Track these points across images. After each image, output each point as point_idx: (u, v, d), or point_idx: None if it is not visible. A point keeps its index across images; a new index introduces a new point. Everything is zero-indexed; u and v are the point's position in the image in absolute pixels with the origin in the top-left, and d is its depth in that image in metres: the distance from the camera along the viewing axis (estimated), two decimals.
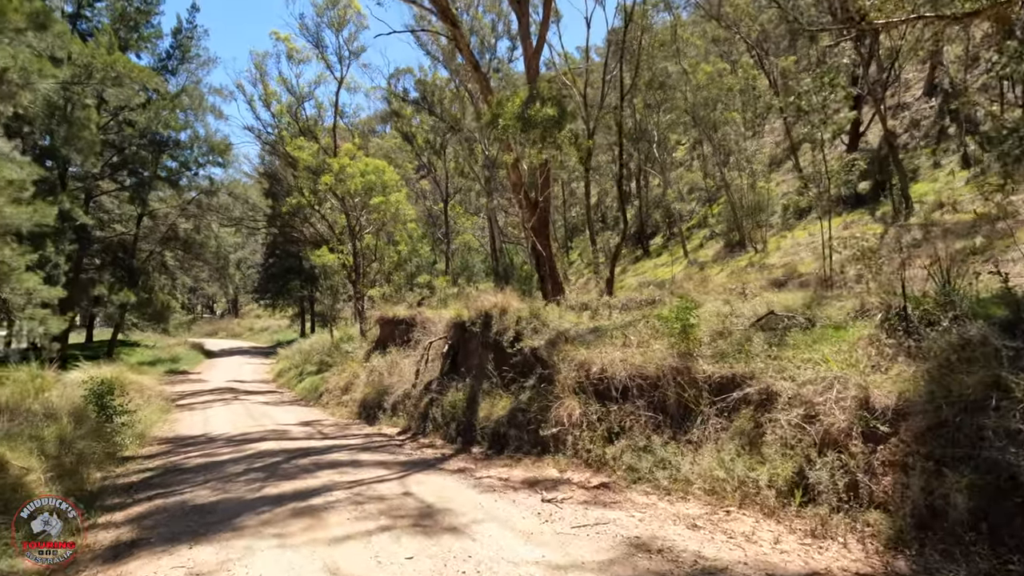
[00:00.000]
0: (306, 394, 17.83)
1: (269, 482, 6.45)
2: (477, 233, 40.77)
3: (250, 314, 61.36)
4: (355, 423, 12.26)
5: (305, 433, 10.75)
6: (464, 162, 30.48)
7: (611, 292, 13.61)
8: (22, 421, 7.79)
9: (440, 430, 9.74)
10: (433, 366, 12.05)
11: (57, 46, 16.21)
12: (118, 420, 9.80)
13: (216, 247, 30.93)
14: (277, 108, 22.98)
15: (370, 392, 13.06)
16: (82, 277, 25.00)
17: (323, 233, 25.32)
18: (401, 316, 15.62)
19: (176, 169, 27.70)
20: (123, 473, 7.97)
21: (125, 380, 14.49)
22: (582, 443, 6.96)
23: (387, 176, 19.55)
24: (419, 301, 20.11)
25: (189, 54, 28.72)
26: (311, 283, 42.66)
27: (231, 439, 10.35)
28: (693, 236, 31.55)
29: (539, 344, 9.11)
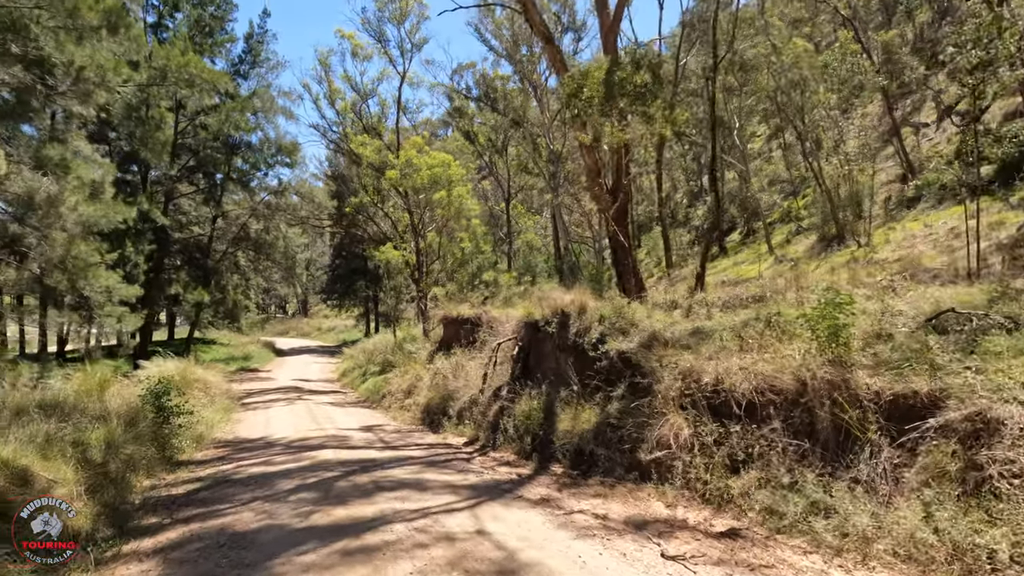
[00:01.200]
0: (368, 395, 17.24)
1: (320, 506, 5.50)
2: (539, 232, 39.62)
3: (318, 314, 63.08)
4: (418, 430, 11.35)
5: (365, 441, 9.90)
6: (528, 157, 29.36)
7: (702, 289, 12.04)
8: (72, 423, 7.30)
9: (512, 443, 8.59)
10: (502, 369, 10.94)
11: (133, 49, 16.43)
12: (175, 421, 9.31)
13: (284, 247, 31.43)
14: (341, 105, 22.83)
15: (434, 397, 12.13)
16: (161, 276, 25.85)
17: (386, 231, 24.96)
18: (466, 315, 14.66)
19: (247, 170, 28.27)
20: (172, 482, 7.33)
21: (190, 377, 14.34)
22: (695, 472, 5.57)
23: (453, 170, 18.73)
24: (482, 300, 19.20)
25: (260, 58, 29.29)
26: (375, 283, 42.98)
27: (289, 445, 9.65)
28: (776, 231, 28.96)
29: (628, 347, 7.77)
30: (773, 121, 34.20)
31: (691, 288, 12.29)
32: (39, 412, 7.69)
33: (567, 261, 29.25)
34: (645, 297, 11.46)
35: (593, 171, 12.06)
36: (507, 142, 35.26)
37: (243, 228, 29.76)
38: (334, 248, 47.15)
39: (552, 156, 29.67)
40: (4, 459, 4.80)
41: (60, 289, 14.95)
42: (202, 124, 26.72)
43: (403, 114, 24.01)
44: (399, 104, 23.50)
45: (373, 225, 26.80)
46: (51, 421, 7.39)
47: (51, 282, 13.84)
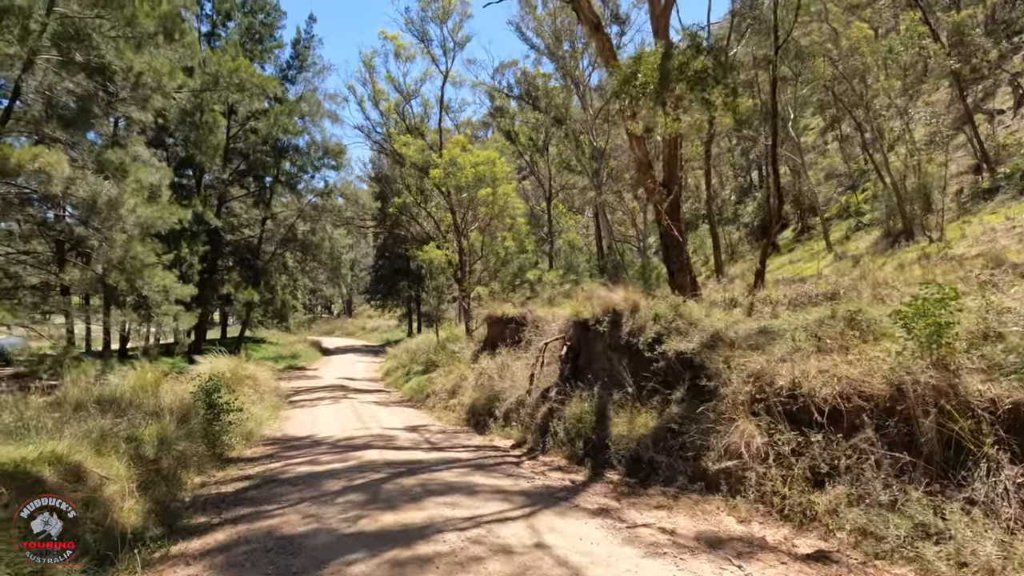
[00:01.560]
0: (412, 395, 17.18)
1: (368, 509, 5.28)
2: (580, 231, 39.03)
3: (363, 314, 64.22)
4: (463, 431, 11.11)
5: (411, 441, 9.72)
6: (571, 154, 28.88)
7: (762, 286, 11.33)
8: (127, 419, 7.38)
9: (563, 447, 8.21)
10: (549, 370, 10.58)
11: (187, 56, 16.92)
12: (226, 419, 9.37)
13: (330, 248, 32.00)
14: (385, 106, 22.98)
15: (479, 397, 11.87)
16: (214, 277, 26.71)
17: (429, 231, 24.99)
18: (510, 315, 14.37)
19: (295, 173, 28.91)
20: (222, 479, 7.31)
21: (241, 374, 14.57)
22: (770, 484, 5.07)
23: (497, 168, 18.50)
24: (524, 300, 18.89)
25: (306, 63, 29.94)
26: (417, 283, 43.36)
27: (336, 444, 9.58)
28: (834, 227, 27.52)
29: (688, 348, 7.28)
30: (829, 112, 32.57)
31: (750, 286, 11.60)
32: (97, 407, 7.83)
33: (611, 260, 28.59)
34: (699, 295, 10.89)
35: (644, 163, 11.55)
36: (548, 141, 34.87)
37: (291, 229, 30.46)
38: (377, 249, 47.86)
39: (595, 153, 29.08)
40: (58, 455, 4.79)
41: (120, 288, 15.53)
42: (252, 129, 27.48)
43: (446, 113, 24.05)
44: (442, 103, 23.52)
45: (416, 225, 26.91)
46: (107, 417, 7.50)
47: (111, 282, 14.35)
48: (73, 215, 15.69)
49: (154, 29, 14.09)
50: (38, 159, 10.61)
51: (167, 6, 14.53)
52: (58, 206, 15.77)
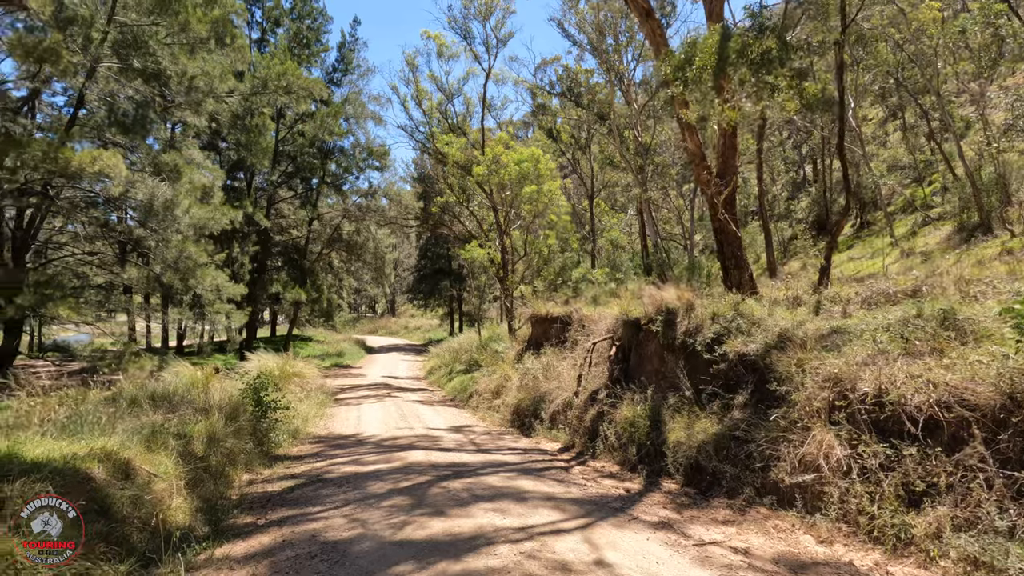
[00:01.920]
0: (455, 394, 17.06)
1: (414, 515, 5.06)
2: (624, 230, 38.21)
3: (405, 313, 65.06)
4: (508, 432, 10.84)
5: (456, 442, 9.51)
6: (615, 150, 28.22)
7: (827, 284, 10.58)
8: (178, 415, 7.44)
9: (614, 453, 7.81)
10: (597, 371, 10.18)
11: (238, 60, 17.32)
12: (272, 416, 9.41)
13: (374, 248, 32.42)
14: (428, 105, 23.01)
15: (524, 398, 11.57)
16: (263, 276, 27.43)
17: (471, 230, 24.91)
18: (555, 314, 14.02)
19: (340, 174, 29.40)
20: (268, 477, 7.26)
21: (288, 371, 14.76)
22: (855, 502, 4.55)
23: (541, 164, 18.18)
24: (566, 300, 18.47)
25: (351, 66, 30.39)
26: (459, 282, 43.51)
27: (380, 443, 9.47)
28: (898, 222, 25.91)
29: (752, 349, 6.78)
30: (891, 100, 30.74)
31: (813, 283, 10.85)
32: (150, 403, 7.96)
33: (657, 258, 27.75)
34: (757, 294, 10.25)
35: (697, 154, 10.98)
36: (591, 139, 34.27)
37: (336, 230, 30.98)
38: (420, 249, 48.30)
39: (640, 149, 28.31)
40: (108, 451, 4.77)
41: (175, 287, 16.03)
42: (300, 131, 28.11)
43: (488, 112, 23.90)
44: (484, 101, 23.37)
45: (458, 224, 26.89)
46: (159, 413, 7.60)
47: (167, 280, 14.82)
48: (133, 217, 16.32)
49: (206, 34, 14.44)
50: (97, 161, 11.00)
51: (218, 11, 14.88)
52: (120, 208, 16.44)
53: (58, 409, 6.65)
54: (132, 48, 13.87)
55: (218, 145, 25.52)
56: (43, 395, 7.41)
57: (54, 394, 7.54)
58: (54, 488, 3.71)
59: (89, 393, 8.38)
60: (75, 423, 5.87)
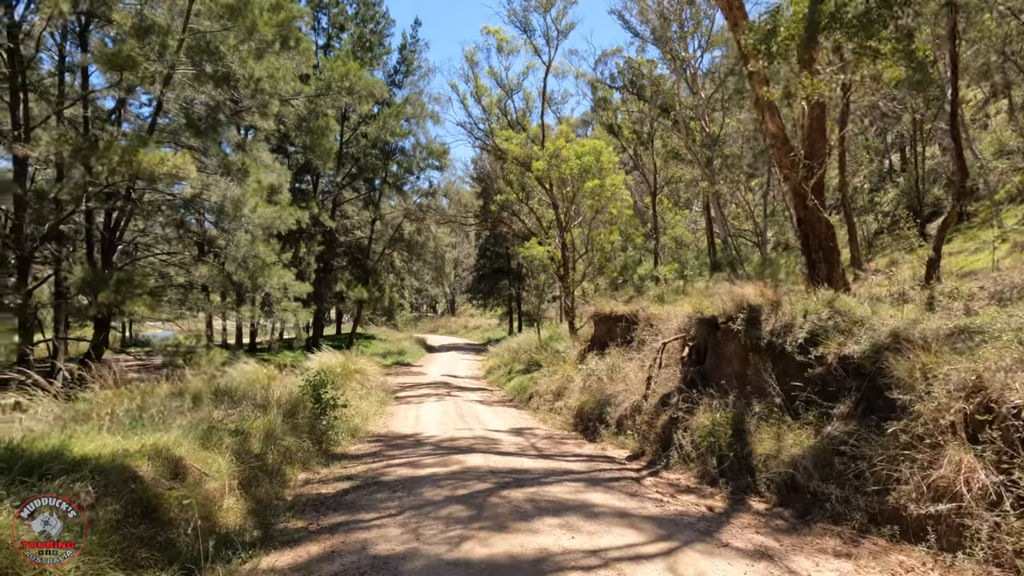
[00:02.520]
0: (515, 395, 16.63)
1: (472, 528, 4.61)
2: (688, 226, 36.62)
3: (464, 313, 65.59)
4: (571, 437, 10.25)
5: (516, 446, 9.04)
6: (680, 143, 26.91)
7: (937, 278, 9.31)
8: (237, 412, 7.38)
9: (691, 464, 7.07)
10: (668, 373, 9.42)
11: (303, 63, 17.66)
12: (332, 414, 9.29)
13: (434, 247, 32.63)
14: (487, 101, 22.79)
15: (587, 401, 10.95)
16: (329, 275, 28.16)
17: (531, 227, 24.44)
18: (619, 312, 13.29)
19: (401, 174, 29.77)
20: (324, 477, 7.06)
21: (351, 368, 14.84)
22: (1011, 540, 3.68)
23: (604, 157, 17.44)
24: (629, 298, 17.63)
25: (412, 67, 30.72)
26: (518, 282, 43.22)
27: (439, 445, 9.15)
28: (1005, 213, 23.21)
29: (855, 351, 5.89)
30: (995, 79, 27.68)
31: (920, 278, 9.58)
32: (212, 398, 7.98)
33: (727, 255, 26.27)
34: (849, 290, 9.16)
35: (779, 137, 9.97)
36: (653, 133, 33.00)
37: (398, 230, 31.41)
38: (479, 248, 48.44)
39: (707, 140, 26.90)
40: (159, 447, 4.62)
41: (245, 285, 16.52)
42: (363, 133, 28.68)
43: (548, 106, 23.37)
44: (544, 96, 22.82)
45: (518, 222, 26.50)
46: (220, 408, 7.58)
47: (237, 279, 15.27)
48: (207, 218, 16.99)
49: (272, 36, 14.74)
50: (166, 162, 11.37)
51: (284, 14, 15.16)
52: (196, 211, 17.16)
53: (123, 403, 6.70)
54: (204, 54, 14.35)
55: (287, 149, 26.39)
56: (115, 388, 7.55)
57: (125, 388, 7.68)
58: (94, 488, 3.51)
59: (158, 387, 8.55)
60: (135, 417, 5.84)
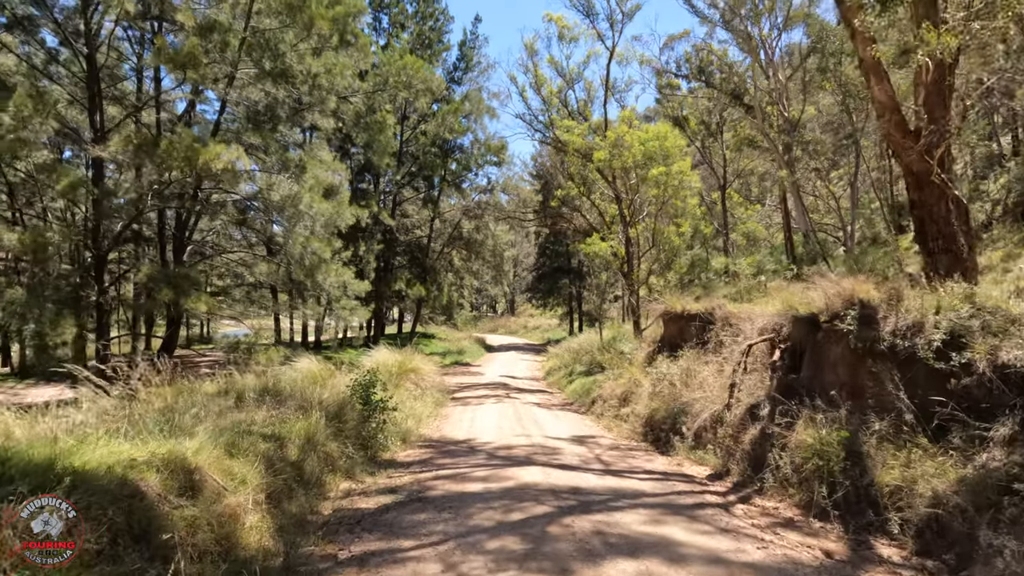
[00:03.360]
0: (576, 398, 15.68)
1: (529, 571, 3.76)
2: (762, 222, 34.17)
3: (524, 313, 65.14)
4: (640, 448, 9.21)
5: (579, 457, 8.13)
6: (754, 130, 24.94)
7: None
8: (278, 413, 6.91)
9: (791, 490, 5.90)
10: (754, 380, 8.19)
11: (361, 59, 17.47)
12: (380, 416, 8.72)
13: (493, 245, 32.15)
14: (547, 92, 21.89)
15: (658, 408, 9.85)
16: (388, 274, 28.23)
17: (593, 222, 23.35)
18: (693, 311, 12.05)
19: (459, 171, 29.46)
20: (368, 488, 6.44)
21: (407, 367, 14.39)
22: None
23: (669, 142, 16.16)
24: (696, 296, 16.24)
25: (471, 63, 30.34)
26: (579, 280, 42.11)
27: (493, 453, 8.38)
28: None
29: (1018, 357, 4.59)
30: None
31: None
32: (256, 398, 7.56)
33: (808, 250, 24.04)
34: (976, 283, 7.61)
35: (888, 106, 8.48)
36: (723, 124, 30.98)
37: (456, 227, 31.15)
38: (538, 247, 47.73)
39: (786, 126, 24.76)
40: (173, 456, 4.07)
41: (303, 282, 16.49)
42: (422, 132, 28.62)
43: (610, 94, 22.18)
44: (607, 84, 21.67)
45: (579, 217, 25.45)
46: (263, 408, 7.14)
47: (294, 275, 15.21)
48: (267, 216, 17.10)
49: (329, 31, 14.54)
50: (222, 157, 11.26)
51: (341, 8, 14.94)
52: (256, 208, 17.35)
53: (155, 403, 6.35)
54: (264, 51, 14.35)
55: (348, 150, 26.67)
56: (158, 386, 7.28)
57: (168, 386, 7.40)
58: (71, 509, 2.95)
59: (205, 385, 8.28)
60: (165, 419, 5.41)
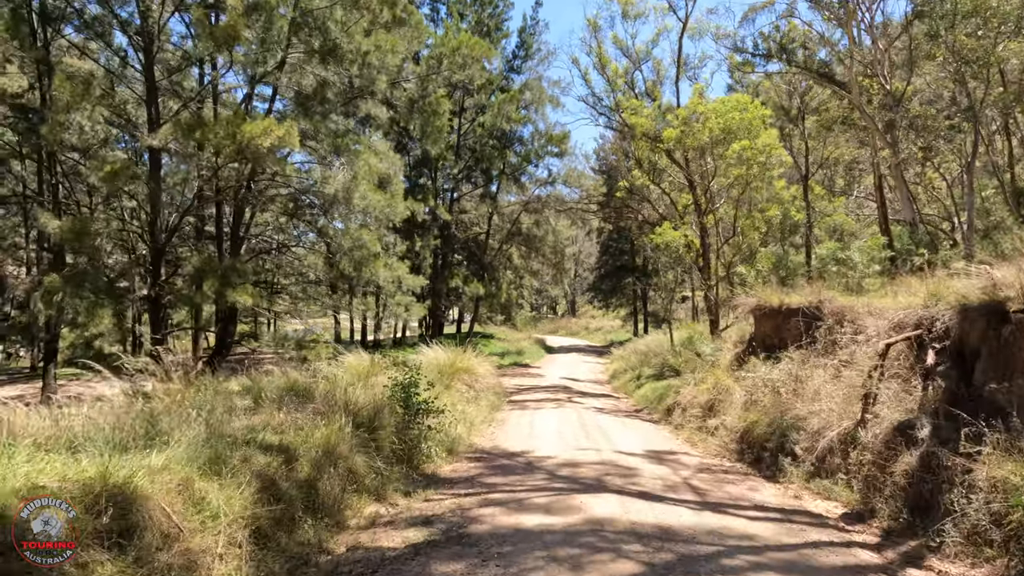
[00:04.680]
0: (647, 404, 13.94)
1: None
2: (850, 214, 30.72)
3: (585, 314, 63.42)
4: (736, 470, 7.48)
5: (662, 481, 6.53)
6: (845, 108, 22.01)
7: None
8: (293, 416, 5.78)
9: (988, 551, 4.08)
10: (895, 388, 6.30)
11: (414, 38, 16.52)
12: (425, 421, 7.46)
13: (553, 241, 30.70)
14: (611, 71, 20.17)
15: (757, 421, 8.06)
16: (445, 271, 27.38)
17: (663, 212, 21.38)
18: (793, 305, 10.10)
19: (519, 164, 28.22)
20: (398, 515, 5.17)
21: (459, 366, 13.20)
22: None
23: (751, 112, 14.11)
24: (782, 288, 14.01)
25: (531, 51, 29.06)
26: (644, 279, 39.89)
27: (555, 472, 6.94)
28: None
29: None
30: None
31: None
32: (275, 399, 6.49)
33: (918, 239, 20.85)
34: None
35: None
36: (804, 109, 28.01)
37: (515, 223, 29.95)
38: (600, 245, 45.83)
39: (888, 101, 21.69)
40: (102, 480, 2.91)
41: (351, 275, 15.64)
42: (480, 124, 27.64)
43: (682, 72, 20.14)
44: (679, 60, 19.67)
45: (648, 207, 23.49)
46: (284, 410, 6.06)
47: (342, 267, 14.40)
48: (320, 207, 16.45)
49: (379, 6, 13.63)
50: (270, 134, 10.46)
51: None
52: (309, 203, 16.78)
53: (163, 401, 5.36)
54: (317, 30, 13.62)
55: (405, 145, 26.06)
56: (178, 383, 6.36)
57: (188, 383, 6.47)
58: None
59: (227, 382, 7.35)
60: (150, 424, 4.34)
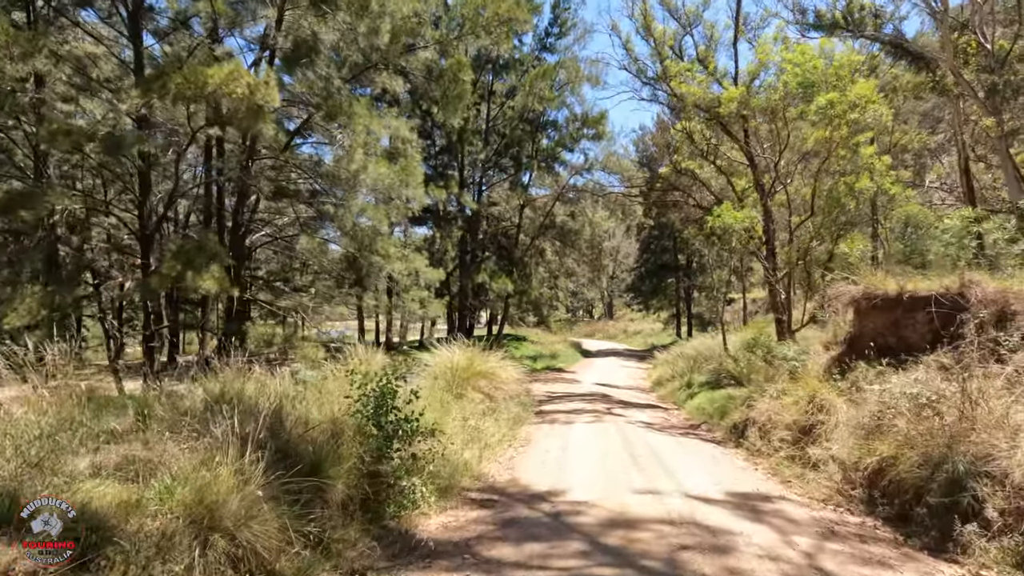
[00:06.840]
0: (705, 418, 11.34)
1: None
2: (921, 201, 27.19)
3: (623, 317, 60.74)
4: (875, 532, 4.96)
5: (772, 561, 4.09)
6: (945, 71, 18.77)
7: None
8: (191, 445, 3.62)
9: None
10: None
11: None
12: (407, 448, 5.18)
13: (590, 235, 28.29)
14: (659, 32, 17.63)
15: (898, 457, 5.45)
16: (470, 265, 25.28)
17: (717, 193, 18.64)
18: (921, 293, 7.46)
19: (551, 149, 25.90)
20: None
21: (476, 369, 10.94)
22: None
23: (838, 62, 11.40)
24: (875, 274, 11.09)
25: (566, 27, 26.74)
26: (688, 278, 36.95)
27: (598, 540, 4.59)
28: None
29: None
30: None
31: None
32: (207, 412, 4.39)
33: None
34: None
35: None
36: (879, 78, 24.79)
37: (548, 215, 27.64)
38: (641, 243, 43.08)
39: (990, 62, 18.37)
40: None
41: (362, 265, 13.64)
42: (509, 107, 25.52)
43: (742, 32, 17.42)
44: (737, 19, 16.99)
45: (698, 190, 20.76)
46: (182, 436, 3.93)
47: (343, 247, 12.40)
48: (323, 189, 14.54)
49: None
50: (238, 79, 8.49)
51: None
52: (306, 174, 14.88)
53: None
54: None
55: (429, 132, 24.13)
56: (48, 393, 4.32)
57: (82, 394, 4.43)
58: None
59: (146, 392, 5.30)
60: None
